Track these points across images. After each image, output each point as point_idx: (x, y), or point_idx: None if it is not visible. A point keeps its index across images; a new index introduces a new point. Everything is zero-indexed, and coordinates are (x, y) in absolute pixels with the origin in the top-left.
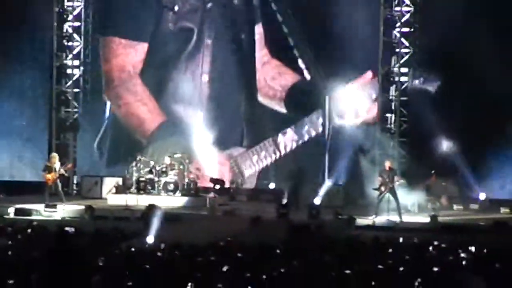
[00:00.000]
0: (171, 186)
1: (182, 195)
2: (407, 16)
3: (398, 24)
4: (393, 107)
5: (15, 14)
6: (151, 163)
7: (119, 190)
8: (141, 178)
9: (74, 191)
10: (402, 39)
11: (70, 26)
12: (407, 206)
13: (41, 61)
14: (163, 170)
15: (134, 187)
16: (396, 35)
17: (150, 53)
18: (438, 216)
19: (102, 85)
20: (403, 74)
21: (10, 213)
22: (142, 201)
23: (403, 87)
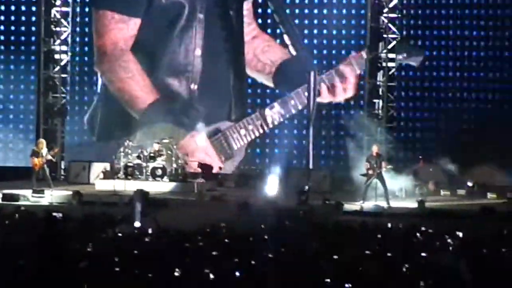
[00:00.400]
0: (159, 172)
1: (170, 181)
2: (395, 1)
3: (386, 9)
4: (380, 93)
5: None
6: (139, 149)
7: (107, 175)
8: (129, 164)
9: (62, 177)
10: (390, 25)
11: (57, 11)
12: (395, 191)
13: (28, 46)
14: (151, 155)
15: (122, 173)
16: (383, 21)
17: (142, 28)
18: (426, 201)
19: (94, 59)
20: (391, 60)
21: None
22: (130, 186)
23: (391, 73)
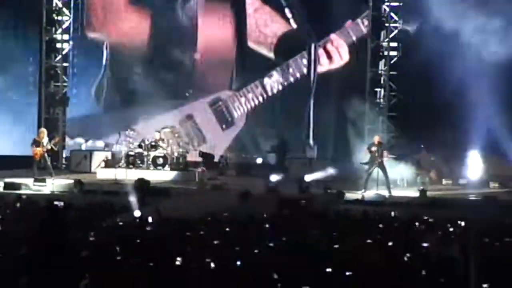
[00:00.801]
0: (160, 160)
1: (171, 170)
2: None
3: None
4: (382, 82)
5: None
6: (141, 137)
7: (108, 164)
8: (130, 152)
9: (63, 165)
10: (392, 14)
11: (59, 0)
12: (396, 180)
13: (30, 35)
14: (152, 144)
15: (123, 161)
16: (385, 9)
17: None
18: (427, 190)
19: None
20: (393, 49)
21: None
22: (131, 175)
23: (393, 62)
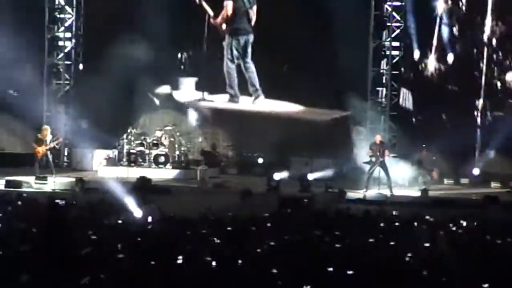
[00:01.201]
0: (162, 159)
1: (173, 168)
2: None
3: None
4: (384, 81)
5: None
6: (142, 136)
7: (110, 162)
8: (131, 151)
9: (65, 163)
10: (394, 13)
11: None
12: (398, 180)
13: (33, 33)
14: (154, 142)
15: (125, 160)
16: (387, 9)
17: None
18: (429, 190)
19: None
20: (395, 48)
21: (0, 185)
22: (133, 173)
23: (394, 61)
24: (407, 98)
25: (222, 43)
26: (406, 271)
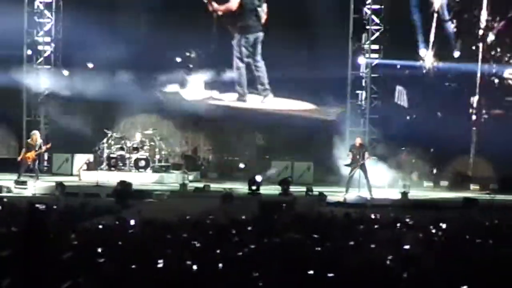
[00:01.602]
0: (142, 163)
1: (153, 172)
2: None
3: (369, 1)
4: (363, 84)
5: None
6: (122, 140)
7: (90, 166)
8: (112, 155)
9: (45, 168)
10: (373, 16)
11: (41, 3)
12: (378, 182)
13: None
14: (134, 146)
15: (105, 164)
16: (366, 12)
17: None
18: (409, 192)
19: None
20: (374, 51)
21: None
22: (113, 177)
23: (374, 64)
24: (402, 96)
25: (232, 42)
26: (387, 274)
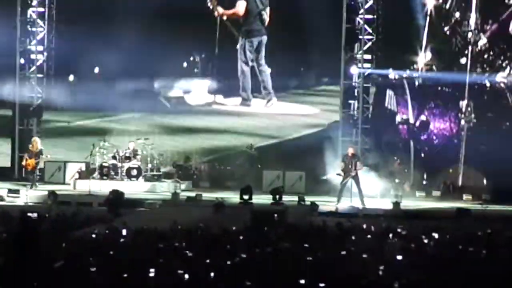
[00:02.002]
0: (134, 172)
1: (146, 181)
2: (370, 2)
3: (361, 11)
4: (356, 94)
5: None
6: (115, 149)
7: (82, 175)
8: (104, 164)
9: (38, 176)
10: (365, 26)
11: (34, 12)
12: (370, 192)
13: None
14: (126, 155)
15: (97, 173)
16: (359, 22)
17: None
18: (401, 202)
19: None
20: (366, 61)
21: None
22: (105, 186)
23: (366, 74)
24: (392, 100)
25: (236, 46)
26: (378, 284)
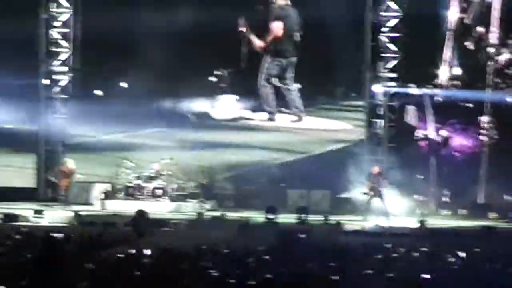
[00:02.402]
0: (159, 192)
1: (170, 201)
2: (394, 21)
3: (386, 29)
4: (381, 112)
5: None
6: (139, 169)
7: (108, 195)
8: (129, 184)
9: (63, 197)
10: (390, 44)
11: (57, 32)
12: (395, 211)
13: (29, 66)
14: (151, 176)
15: (122, 193)
16: (383, 40)
17: None
18: (426, 221)
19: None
20: (391, 79)
21: None
22: (130, 207)
23: (392, 92)
24: (412, 115)
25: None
26: None
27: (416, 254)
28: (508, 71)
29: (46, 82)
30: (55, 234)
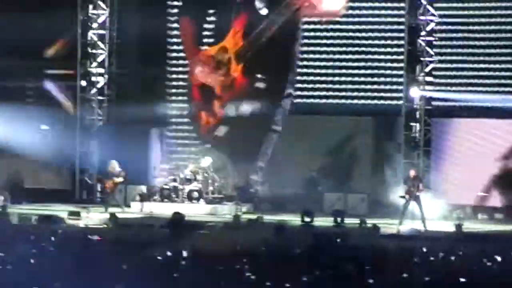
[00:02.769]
0: (195, 194)
1: (207, 203)
2: (432, 25)
3: (423, 33)
4: (417, 116)
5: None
6: (175, 171)
7: (143, 197)
8: (165, 186)
9: (98, 199)
10: (427, 48)
11: (94, 34)
12: (432, 215)
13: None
14: (187, 178)
15: (158, 195)
16: (420, 44)
17: None
18: (463, 225)
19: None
20: (428, 83)
21: (33, 220)
22: (166, 209)
23: (428, 96)
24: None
25: None
26: None
27: (452, 258)
28: None
29: (83, 83)
30: (91, 236)
